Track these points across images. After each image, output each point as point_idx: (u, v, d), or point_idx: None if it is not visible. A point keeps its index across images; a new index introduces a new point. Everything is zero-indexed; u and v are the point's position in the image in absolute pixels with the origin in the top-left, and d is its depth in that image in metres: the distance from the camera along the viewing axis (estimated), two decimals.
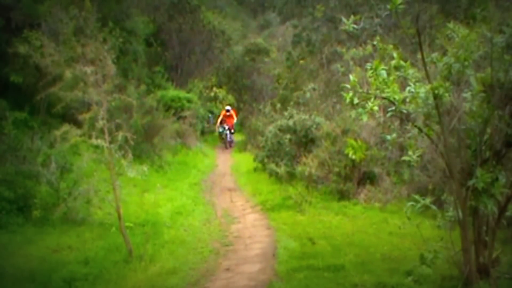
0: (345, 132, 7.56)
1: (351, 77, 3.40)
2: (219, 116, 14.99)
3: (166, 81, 15.08)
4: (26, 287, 4.17)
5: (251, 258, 4.86)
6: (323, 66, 12.79)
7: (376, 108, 3.36)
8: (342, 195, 7.13)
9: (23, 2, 8.56)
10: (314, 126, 8.42)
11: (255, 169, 9.62)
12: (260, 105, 14.11)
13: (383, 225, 5.87)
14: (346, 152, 3.78)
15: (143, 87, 11.05)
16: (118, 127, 5.12)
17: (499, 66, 3.27)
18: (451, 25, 3.60)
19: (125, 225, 4.94)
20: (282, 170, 8.03)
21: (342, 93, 3.57)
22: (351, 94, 3.41)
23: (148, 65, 13.97)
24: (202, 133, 14.69)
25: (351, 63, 9.11)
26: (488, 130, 3.38)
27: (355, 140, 3.80)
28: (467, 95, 3.43)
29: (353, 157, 3.70)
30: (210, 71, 18.03)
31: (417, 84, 3.46)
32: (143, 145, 9.40)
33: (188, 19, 16.33)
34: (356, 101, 3.41)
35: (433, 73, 3.47)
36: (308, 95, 11.44)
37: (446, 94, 3.27)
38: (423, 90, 3.39)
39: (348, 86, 3.42)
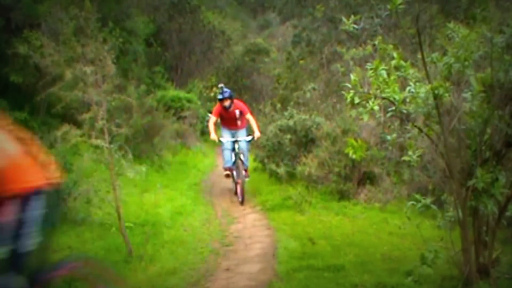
0: (345, 132, 7.55)
1: (352, 76, 3.40)
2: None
3: (166, 81, 15.09)
4: None
5: (251, 258, 4.86)
6: (323, 66, 12.79)
7: (376, 107, 3.36)
8: (342, 195, 7.13)
9: (23, 2, 8.56)
10: (314, 126, 8.42)
11: (255, 169, 9.61)
12: (260, 105, 14.09)
13: (383, 225, 5.86)
14: (346, 151, 3.77)
15: (143, 87, 11.05)
16: (118, 127, 5.12)
17: (499, 66, 3.27)
18: (451, 25, 3.60)
19: (125, 225, 4.94)
20: (282, 170, 8.03)
21: (342, 92, 3.57)
22: (351, 93, 3.41)
23: (148, 65, 13.98)
24: (202, 133, 14.61)
25: (351, 63, 9.12)
26: (488, 130, 3.37)
27: (355, 140, 3.79)
28: (467, 95, 3.43)
29: (353, 156, 3.69)
30: (210, 71, 18.04)
31: (417, 84, 3.46)
32: (143, 145, 9.39)
33: (188, 19, 16.35)
34: (356, 100, 3.41)
35: (433, 73, 3.47)
36: (308, 95, 11.44)
37: (446, 94, 3.27)
38: (423, 90, 3.39)
39: (349, 85, 3.42)
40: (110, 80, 4.97)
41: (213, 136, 7.48)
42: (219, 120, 7.79)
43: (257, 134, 7.41)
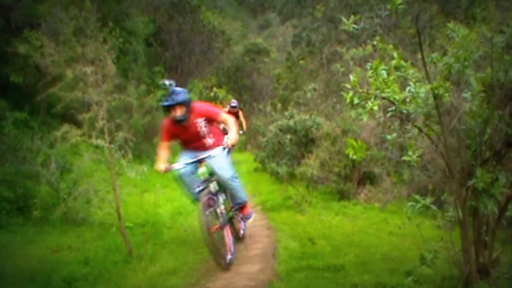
0: (345, 132, 7.56)
1: (351, 77, 3.40)
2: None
3: None
4: (26, 287, 4.17)
5: (251, 258, 4.85)
6: (323, 66, 12.81)
7: (376, 108, 3.36)
8: (342, 195, 7.14)
9: (23, 2, 8.58)
10: (315, 126, 8.43)
11: (255, 169, 9.63)
12: (260, 105, 14.11)
13: (383, 225, 5.87)
14: (346, 152, 3.76)
15: (143, 87, 11.07)
16: (118, 127, 5.13)
17: (499, 66, 3.27)
18: (451, 25, 3.60)
19: (125, 225, 4.94)
20: (282, 170, 8.03)
21: (342, 93, 3.57)
22: (351, 94, 3.41)
23: (148, 65, 14.01)
24: None
25: (351, 63, 9.13)
26: (488, 130, 3.37)
27: (355, 140, 3.79)
28: (467, 95, 3.43)
29: (354, 157, 3.68)
30: (210, 71, 18.08)
31: (417, 84, 3.46)
32: (143, 145, 9.41)
33: (188, 19, 16.39)
34: (356, 101, 3.41)
35: (433, 73, 3.47)
36: (308, 95, 11.46)
37: (446, 94, 3.27)
38: (423, 90, 3.39)
39: (348, 86, 3.41)
40: (110, 80, 4.97)
41: (160, 166, 4.55)
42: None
43: (230, 137, 4.42)
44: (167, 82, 4.65)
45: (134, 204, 6.57)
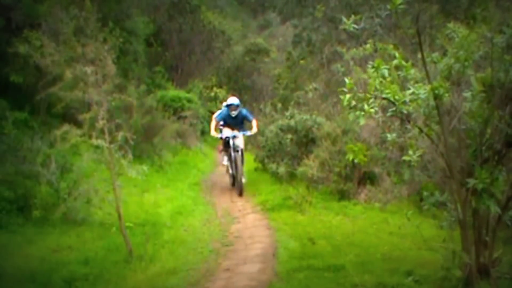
0: (345, 132, 7.55)
1: (347, 80, 3.39)
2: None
3: (166, 81, 15.10)
4: (26, 287, 4.17)
5: (251, 258, 4.86)
6: (324, 66, 12.79)
7: (373, 110, 3.34)
8: (342, 195, 7.13)
9: (23, 2, 8.55)
10: (315, 126, 8.41)
11: (255, 169, 9.61)
12: (260, 105, 14.07)
13: (384, 225, 5.86)
14: (346, 157, 3.72)
15: (143, 87, 11.06)
16: (118, 127, 5.12)
17: (499, 66, 3.27)
18: (451, 25, 3.60)
19: (125, 225, 4.94)
20: (282, 170, 8.02)
21: (340, 96, 3.54)
22: (348, 96, 3.39)
23: (148, 65, 13.99)
24: (202, 133, 14.58)
25: (351, 63, 9.10)
26: (488, 130, 3.37)
27: (354, 142, 3.78)
28: (467, 95, 3.43)
29: (356, 160, 3.64)
30: (210, 71, 18.05)
31: (418, 84, 3.45)
32: (143, 145, 9.39)
33: (188, 19, 16.37)
34: (353, 103, 3.39)
35: (433, 73, 3.47)
36: (310, 94, 11.42)
37: (446, 94, 3.27)
38: (423, 90, 3.38)
39: (345, 89, 3.40)
40: (110, 80, 4.97)
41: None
42: None
43: None
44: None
45: (134, 204, 6.56)
